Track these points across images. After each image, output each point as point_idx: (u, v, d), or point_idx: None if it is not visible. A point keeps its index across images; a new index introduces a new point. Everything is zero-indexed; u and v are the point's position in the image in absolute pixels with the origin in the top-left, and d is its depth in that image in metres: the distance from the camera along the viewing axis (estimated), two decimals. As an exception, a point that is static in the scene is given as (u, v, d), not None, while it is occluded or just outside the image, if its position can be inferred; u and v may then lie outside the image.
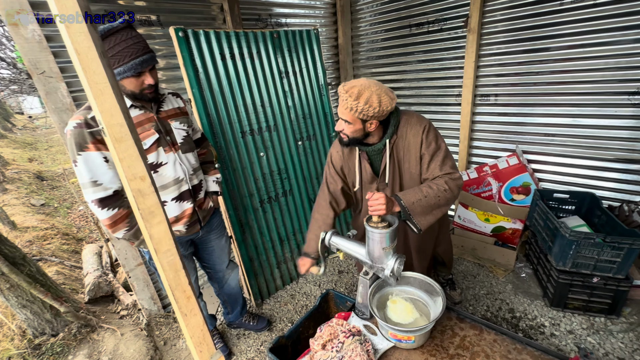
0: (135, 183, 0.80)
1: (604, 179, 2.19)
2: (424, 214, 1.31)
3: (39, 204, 4.52)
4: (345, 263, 2.70)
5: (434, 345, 1.15)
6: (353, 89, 1.23)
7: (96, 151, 1.20)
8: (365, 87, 1.24)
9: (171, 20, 2.03)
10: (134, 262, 2.06)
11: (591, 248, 1.76)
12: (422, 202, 1.28)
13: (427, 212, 1.31)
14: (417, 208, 1.28)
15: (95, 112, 0.74)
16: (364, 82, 1.26)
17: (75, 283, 2.60)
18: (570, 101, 2.19)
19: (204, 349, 1.07)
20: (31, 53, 1.55)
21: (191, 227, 1.52)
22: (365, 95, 1.22)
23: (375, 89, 1.23)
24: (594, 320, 1.88)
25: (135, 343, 1.95)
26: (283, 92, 2.33)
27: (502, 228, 2.43)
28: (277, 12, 2.66)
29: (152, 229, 0.86)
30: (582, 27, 2.01)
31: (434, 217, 1.33)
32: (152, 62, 1.24)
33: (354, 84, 1.26)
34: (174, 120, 1.42)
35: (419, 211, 1.29)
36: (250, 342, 2.02)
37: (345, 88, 1.26)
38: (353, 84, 1.26)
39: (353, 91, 1.23)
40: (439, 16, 2.56)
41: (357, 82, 1.27)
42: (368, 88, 1.23)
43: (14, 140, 8.90)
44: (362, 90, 1.23)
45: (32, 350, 1.85)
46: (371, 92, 1.22)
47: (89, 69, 0.68)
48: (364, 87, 1.24)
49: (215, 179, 1.65)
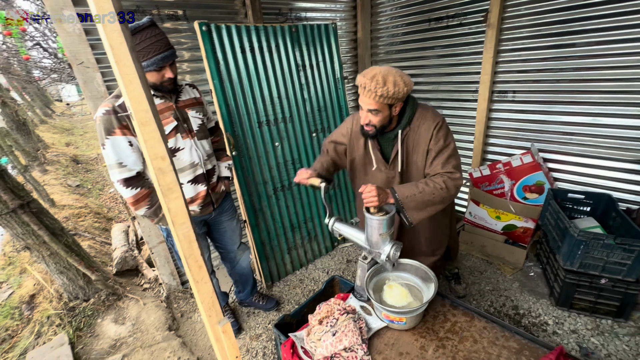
0: (157, 162, 0.92)
1: (624, 180, 2.13)
2: (417, 209, 1.32)
3: (74, 185, 4.90)
4: (354, 252, 2.78)
5: (425, 328, 1.22)
6: (377, 76, 1.24)
7: (122, 136, 1.32)
8: (386, 72, 1.25)
9: (196, 15, 2.15)
10: (156, 239, 2.24)
11: (600, 249, 1.74)
12: (416, 197, 1.30)
13: (421, 207, 1.32)
14: (411, 202, 1.30)
15: (125, 99, 0.86)
16: (381, 68, 1.27)
17: (105, 257, 2.84)
18: (593, 99, 2.12)
19: (213, 314, 1.19)
20: (72, 45, 1.72)
21: (205, 208, 1.65)
22: (390, 78, 1.23)
23: (394, 72, 1.26)
24: (599, 322, 1.86)
25: (156, 313, 2.14)
26: (299, 85, 2.41)
27: (513, 226, 2.41)
28: (298, 7, 2.73)
29: (170, 204, 0.98)
30: (611, 22, 1.94)
31: (428, 213, 1.34)
32: (173, 57, 1.35)
33: (374, 72, 1.26)
34: (191, 109, 1.54)
35: (412, 205, 1.31)
36: (259, 320, 2.16)
37: (368, 77, 1.25)
38: (374, 72, 1.26)
39: (378, 78, 1.23)
40: (458, 11, 2.53)
41: (374, 69, 1.27)
42: (389, 72, 1.25)
43: (54, 125, 9.56)
44: (386, 75, 1.24)
45: (67, 311, 2.07)
46: (393, 74, 1.25)
47: (121, 62, 0.79)
48: (386, 72, 1.25)
49: (227, 165, 1.78)
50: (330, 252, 2.83)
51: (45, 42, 7.49)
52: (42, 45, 6.92)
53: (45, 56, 7.56)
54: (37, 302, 2.24)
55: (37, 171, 4.91)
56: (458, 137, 2.87)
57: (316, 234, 2.70)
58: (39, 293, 2.29)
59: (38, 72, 7.86)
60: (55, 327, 2.00)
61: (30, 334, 2.00)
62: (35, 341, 1.97)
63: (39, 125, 8.67)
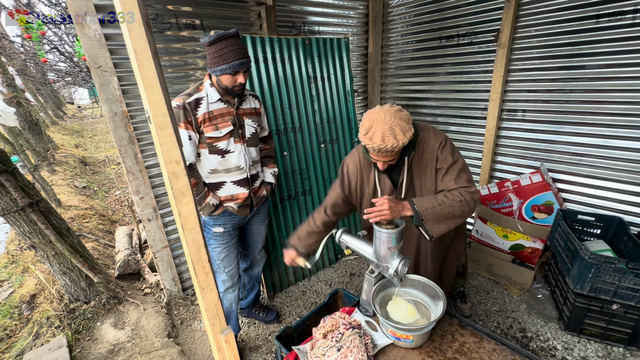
0: (171, 166, 0.93)
1: (635, 204, 2.10)
2: (438, 221, 1.30)
3: (81, 186, 4.94)
4: (357, 266, 2.74)
5: (432, 347, 1.18)
6: (386, 134, 1.21)
7: (185, 130, 1.49)
8: (390, 123, 1.22)
9: (213, 24, 2.21)
10: (160, 244, 2.24)
11: (612, 273, 1.70)
12: (435, 210, 1.28)
13: (441, 220, 1.30)
14: (430, 215, 1.28)
15: (144, 102, 0.87)
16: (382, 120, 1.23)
17: (107, 259, 2.83)
18: (603, 121, 2.12)
19: (217, 322, 1.17)
20: (92, 49, 1.76)
21: (243, 209, 1.73)
22: (397, 130, 1.21)
23: (394, 117, 1.23)
24: (611, 349, 1.80)
25: (156, 318, 2.11)
26: (310, 96, 2.44)
27: (521, 246, 2.37)
28: (311, 20, 2.79)
29: (181, 208, 0.98)
30: (620, 46, 1.97)
31: (447, 226, 1.31)
32: (248, 65, 1.50)
33: (380, 130, 1.22)
34: (248, 117, 1.67)
35: (432, 218, 1.29)
36: (259, 331, 2.12)
37: (377, 139, 1.21)
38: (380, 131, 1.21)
39: (388, 136, 1.20)
40: (469, 29, 2.57)
41: (375, 125, 1.23)
42: (392, 122, 1.22)
43: (64, 127, 9.73)
44: (393, 128, 1.21)
45: (67, 313, 2.06)
46: (396, 122, 1.22)
47: (143, 66, 0.81)
48: (390, 123, 1.22)
49: (272, 172, 1.88)
50: (333, 264, 2.80)
51: (62, 46, 7.70)
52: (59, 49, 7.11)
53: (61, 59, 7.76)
54: (37, 302, 2.22)
55: (45, 171, 4.97)
56: (466, 154, 2.87)
57: (320, 246, 2.67)
58: (40, 293, 2.28)
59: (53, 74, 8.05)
60: (54, 329, 1.98)
61: (29, 334, 1.98)
62: (33, 342, 1.94)
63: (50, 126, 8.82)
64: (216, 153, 1.59)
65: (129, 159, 1.99)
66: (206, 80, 1.56)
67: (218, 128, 1.55)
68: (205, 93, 1.54)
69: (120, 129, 1.93)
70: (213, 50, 1.45)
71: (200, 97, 1.52)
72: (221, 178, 1.65)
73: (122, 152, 1.96)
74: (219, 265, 1.78)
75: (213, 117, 1.55)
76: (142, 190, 2.08)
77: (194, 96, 1.51)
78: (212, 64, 1.47)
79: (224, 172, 1.64)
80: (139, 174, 2.05)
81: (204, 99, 1.53)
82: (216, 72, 1.47)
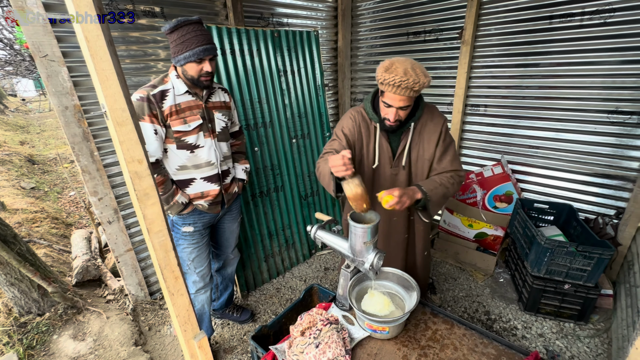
0: (133, 165, 0.86)
1: (583, 192, 2.29)
2: (438, 203, 1.37)
3: (29, 187, 4.50)
4: (331, 260, 2.76)
5: (407, 336, 1.22)
6: (408, 70, 1.16)
7: (150, 123, 1.40)
8: (411, 63, 1.19)
9: (174, 12, 2.07)
10: (124, 247, 2.10)
11: (564, 256, 1.85)
12: (437, 191, 1.34)
13: (441, 202, 1.38)
14: (435, 196, 1.33)
15: (100, 96, 0.79)
16: (402, 60, 1.20)
17: (63, 266, 2.61)
18: (555, 116, 2.28)
19: (188, 328, 1.12)
20: (35, 36, 1.58)
21: (213, 206, 1.66)
22: (418, 70, 1.18)
23: (413, 61, 1.22)
24: (563, 325, 1.98)
25: (121, 327, 1.99)
26: (280, 90, 2.39)
27: (484, 234, 2.52)
28: (279, 12, 2.72)
29: (146, 210, 0.91)
30: (570, 46, 2.11)
31: (439, 206, 1.40)
32: (213, 52, 1.42)
33: (402, 66, 1.18)
34: (218, 111, 1.61)
35: (435, 200, 1.34)
36: (233, 331, 2.07)
37: (399, 72, 1.16)
38: (403, 66, 1.18)
39: (410, 72, 1.17)
40: (435, 26, 2.64)
41: (396, 63, 1.20)
42: (411, 62, 1.19)
43: (6, 122, 8.78)
44: (414, 66, 1.18)
45: (17, 327, 1.87)
46: (416, 64, 1.21)
47: (97, 56, 0.73)
48: (410, 63, 1.19)
49: (244, 168, 1.84)
50: (307, 259, 2.80)
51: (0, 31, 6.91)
52: (-4, 35, 6.38)
53: (-1, 47, 6.98)
54: (-20, 317, 2.00)
55: (-15, 171, 4.46)
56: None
57: (294, 242, 2.66)
58: (-17, 307, 2.05)
59: (-10, 63, 7.23)
60: (2, 346, 1.79)
61: (-29, 354, 1.78)
62: (-23, 362, 1.75)
63: (-11, 122, 7.93)
64: (185, 148, 1.51)
65: (84, 157, 1.83)
66: (172, 71, 1.46)
67: (186, 122, 1.47)
68: (171, 85, 1.44)
69: (72, 125, 1.77)
70: (175, 38, 1.36)
71: (165, 89, 1.42)
72: (190, 175, 1.57)
73: (76, 149, 1.80)
74: (189, 266, 1.70)
75: (180, 110, 1.46)
76: (101, 191, 1.93)
77: (158, 88, 1.41)
78: (175, 52, 1.38)
79: (193, 169, 1.57)
80: (96, 173, 1.89)
81: (170, 91, 1.43)
82: (180, 61, 1.39)
